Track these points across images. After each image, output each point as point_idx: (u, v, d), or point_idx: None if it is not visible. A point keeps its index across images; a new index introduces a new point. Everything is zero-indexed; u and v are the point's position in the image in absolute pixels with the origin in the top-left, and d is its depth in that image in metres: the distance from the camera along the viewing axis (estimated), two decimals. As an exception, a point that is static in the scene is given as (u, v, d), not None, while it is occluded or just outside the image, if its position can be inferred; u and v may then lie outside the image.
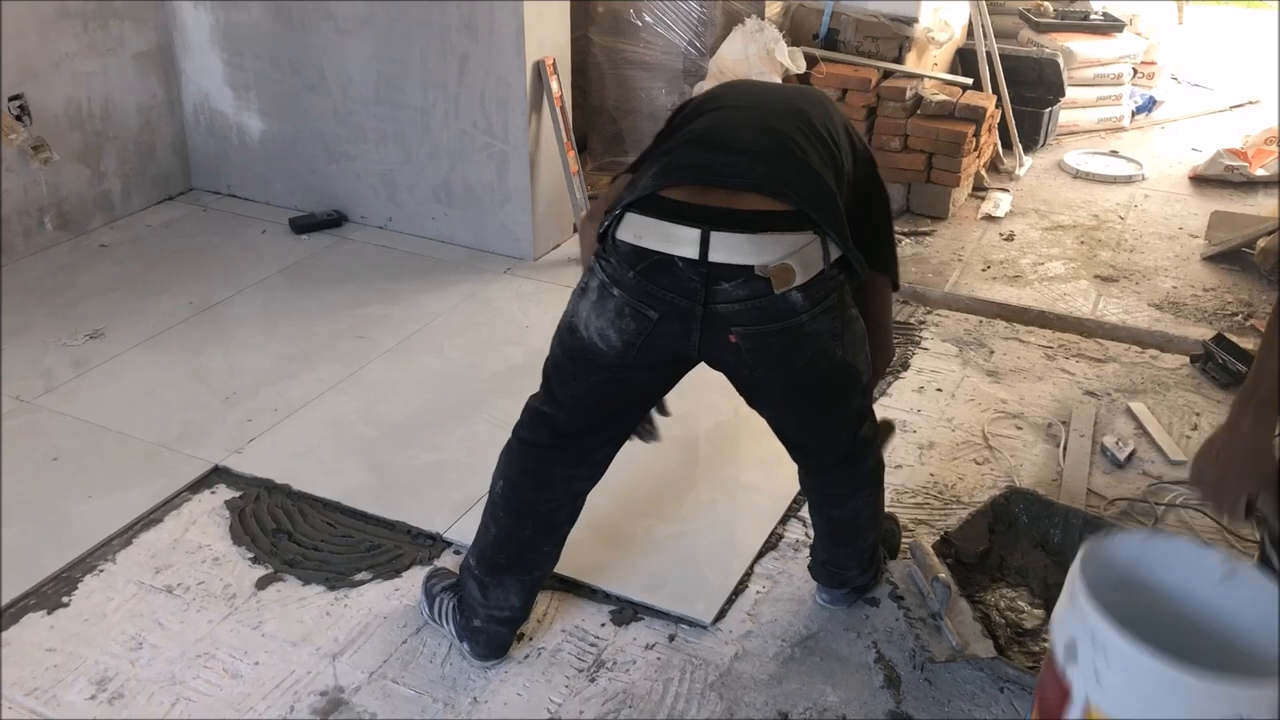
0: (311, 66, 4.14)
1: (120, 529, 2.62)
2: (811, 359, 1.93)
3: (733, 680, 2.24)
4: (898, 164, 4.49)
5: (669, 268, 1.84)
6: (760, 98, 2.12)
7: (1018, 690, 2.20)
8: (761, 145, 1.90)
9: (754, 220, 1.81)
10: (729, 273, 1.82)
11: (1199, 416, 3.18)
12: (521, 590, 2.23)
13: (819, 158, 1.93)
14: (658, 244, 1.85)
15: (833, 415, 2.09)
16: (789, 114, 2.01)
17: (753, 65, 4.37)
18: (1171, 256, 4.22)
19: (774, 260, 1.81)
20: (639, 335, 1.91)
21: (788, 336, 1.89)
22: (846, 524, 2.27)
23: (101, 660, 2.25)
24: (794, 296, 1.84)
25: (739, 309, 1.85)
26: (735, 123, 1.99)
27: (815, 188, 1.87)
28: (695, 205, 1.83)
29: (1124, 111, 5.67)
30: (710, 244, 1.80)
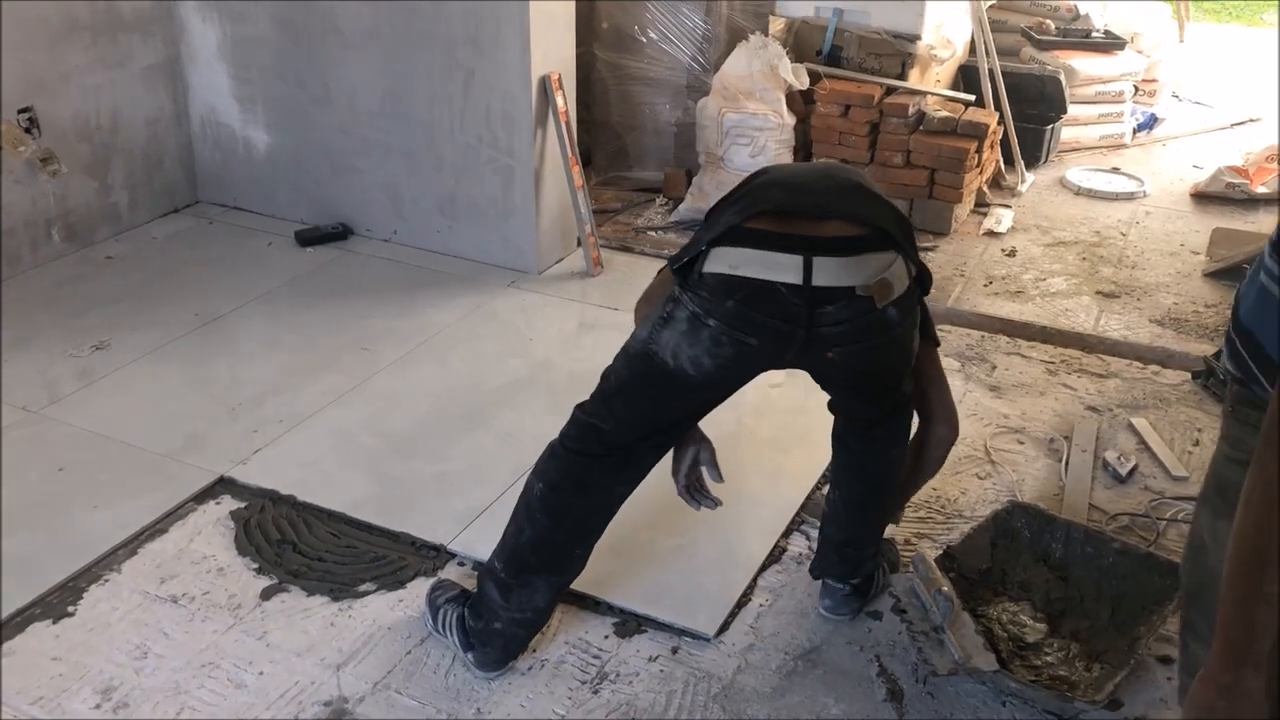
0: (318, 80, 4.17)
1: (126, 539, 2.63)
2: (892, 358, 2.08)
3: (735, 693, 2.24)
4: (900, 180, 4.51)
5: (771, 295, 1.90)
6: (811, 169, 2.28)
7: (1020, 704, 2.20)
8: (830, 186, 2.03)
9: (845, 244, 1.90)
10: (832, 295, 1.90)
11: (1200, 432, 3.18)
12: (549, 591, 2.24)
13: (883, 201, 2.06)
14: (757, 272, 1.89)
15: (891, 387, 2.18)
16: (844, 174, 2.13)
17: (756, 81, 4.40)
18: (1173, 273, 4.24)
19: (873, 279, 1.90)
20: (735, 359, 1.99)
21: (884, 349, 2.02)
22: (879, 481, 2.31)
23: (106, 669, 2.26)
24: (891, 312, 1.95)
25: (842, 330, 1.94)
26: (800, 173, 2.16)
27: (887, 212, 1.99)
28: (786, 235, 1.90)
29: (1125, 129, 5.69)
30: (814, 269, 1.88)
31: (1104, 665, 2.25)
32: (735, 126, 4.37)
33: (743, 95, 4.40)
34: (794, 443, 3.06)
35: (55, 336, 3.55)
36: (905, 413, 2.26)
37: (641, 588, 2.50)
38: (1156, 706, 2.22)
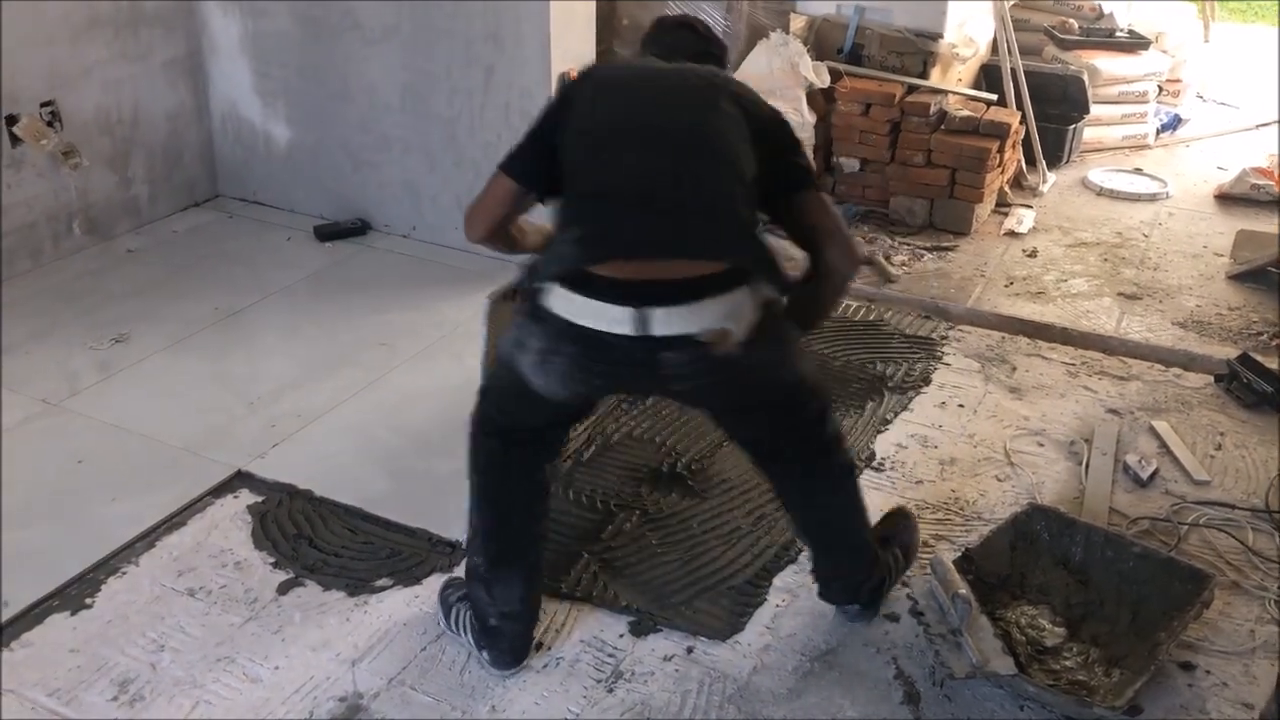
0: (338, 75, 4.17)
1: (143, 532, 2.64)
2: (756, 390, 2.04)
3: (751, 694, 2.23)
4: (921, 179, 4.48)
5: (609, 345, 1.89)
6: (656, 89, 2.07)
7: (1037, 708, 2.18)
8: (681, 191, 1.90)
9: (686, 289, 1.86)
10: (671, 343, 1.88)
11: (1223, 436, 3.15)
12: (522, 582, 2.24)
13: (730, 158, 1.94)
14: (593, 322, 1.89)
15: (790, 427, 2.17)
16: (703, 119, 1.97)
17: (776, 79, 4.38)
18: (1196, 275, 4.20)
19: (712, 325, 1.87)
20: (589, 388, 2.07)
21: (733, 382, 1.99)
22: (832, 521, 2.29)
23: (123, 662, 2.26)
24: (735, 352, 1.92)
25: (685, 371, 1.93)
26: (649, 159, 1.94)
27: (740, 236, 1.92)
28: (625, 281, 1.86)
29: (1149, 129, 5.64)
30: (649, 320, 1.85)
31: (1123, 670, 2.23)
32: (755, 124, 4.34)
33: (763, 93, 4.36)
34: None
35: (75, 329, 3.57)
36: (830, 454, 2.22)
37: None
38: (1176, 713, 2.20)
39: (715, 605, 2.45)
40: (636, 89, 2.08)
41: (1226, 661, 2.34)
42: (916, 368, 3.47)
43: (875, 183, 4.63)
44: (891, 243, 4.37)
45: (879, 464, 2.98)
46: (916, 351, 3.57)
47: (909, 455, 3.03)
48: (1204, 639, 2.38)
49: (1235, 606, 2.49)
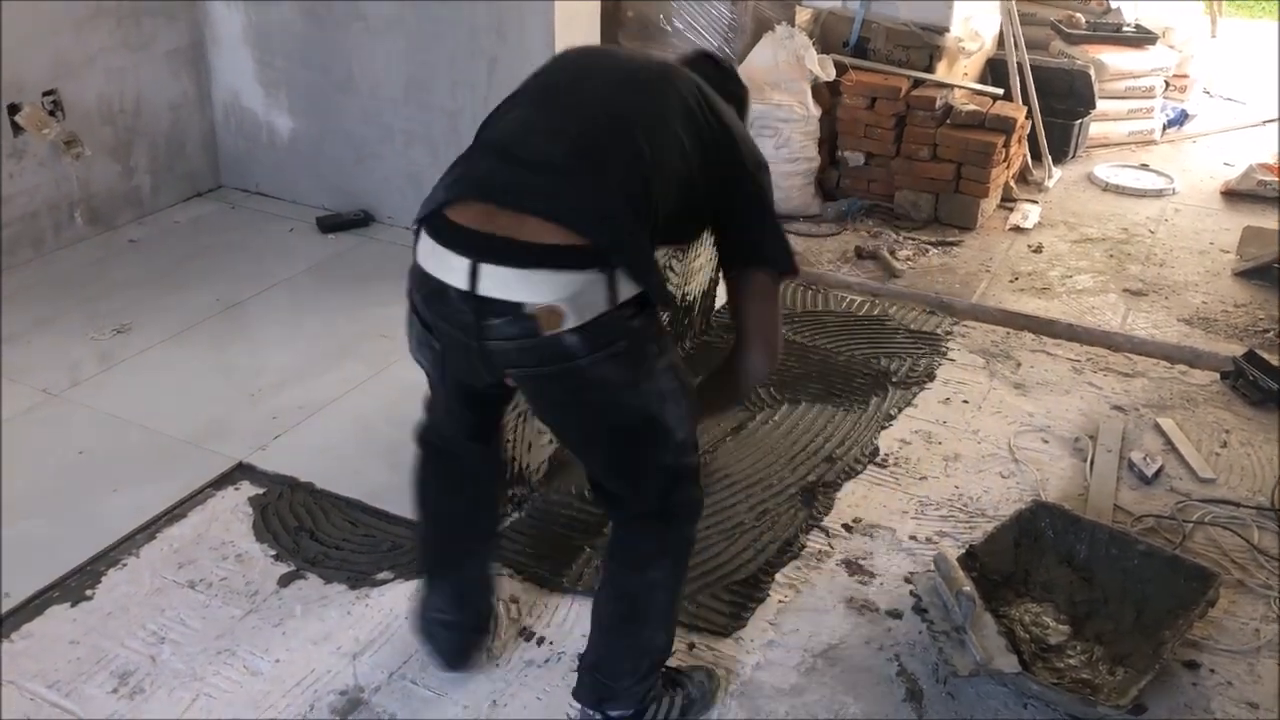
0: (341, 66, 4.15)
1: (144, 523, 2.62)
2: (598, 409, 1.82)
3: (754, 689, 2.22)
4: (926, 173, 4.46)
5: (444, 296, 1.73)
6: (605, 67, 1.92)
7: (1041, 707, 2.17)
8: (569, 155, 1.73)
9: (531, 253, 1.66)
10: (498, 308, 1.68)
11: (1229, 434, 3.14)
12: (455, 593, 2.18)
13: (640, 151, 1.75)
14: (434, 268, 1.74)
15: (632, 468, 1.91)
16: (631, 100, 1.82)
17: (782, 72, 4.36)
18: (1202, 271, 4.18)
19: (544, 300, 1.66)
20: (437, 363, 1.88)
21: (567, 381, 1.76)
22: (636, 599, 1.98)
23: (123, 654, 2.25)
24: (569, 340, 1.69)
25: (511, 348, 1.72)
26: (554, 120, 1.79)
27: (613, 216, 1.70)
28: (473, 231, 1.70)
29: (1155, 125, 5.62)
30: (479, 276, 1.67)
31: (1128, 669, 2.21)
32: (760, 118, 4.33)
33: (768, 86, 4.36)
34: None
35: (77, 319, 3.56)
36: (672, 524, 1.94)
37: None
38: (1180, 712, 2.19)
39: (717, 600, 2.44)
40: (588, 65, 1.95)
41: (1231, 660, 2.33)
42: (921, 363, 3.45)
43: (880, 177, 4.61)
44: (896, 237, 4.35)
45: (882, 460, 2.97)
46: (921, 347, 3.56)
47: (913, 451, 3.02)
48: (1209, 638, 2.37)
49: (1240, 605, 2.48)
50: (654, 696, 2.06)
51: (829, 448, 3.00)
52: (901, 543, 2.65)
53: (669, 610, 2.02)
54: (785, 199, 4.45)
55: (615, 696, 2.03)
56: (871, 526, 2.71)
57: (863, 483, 2.87)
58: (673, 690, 2.11)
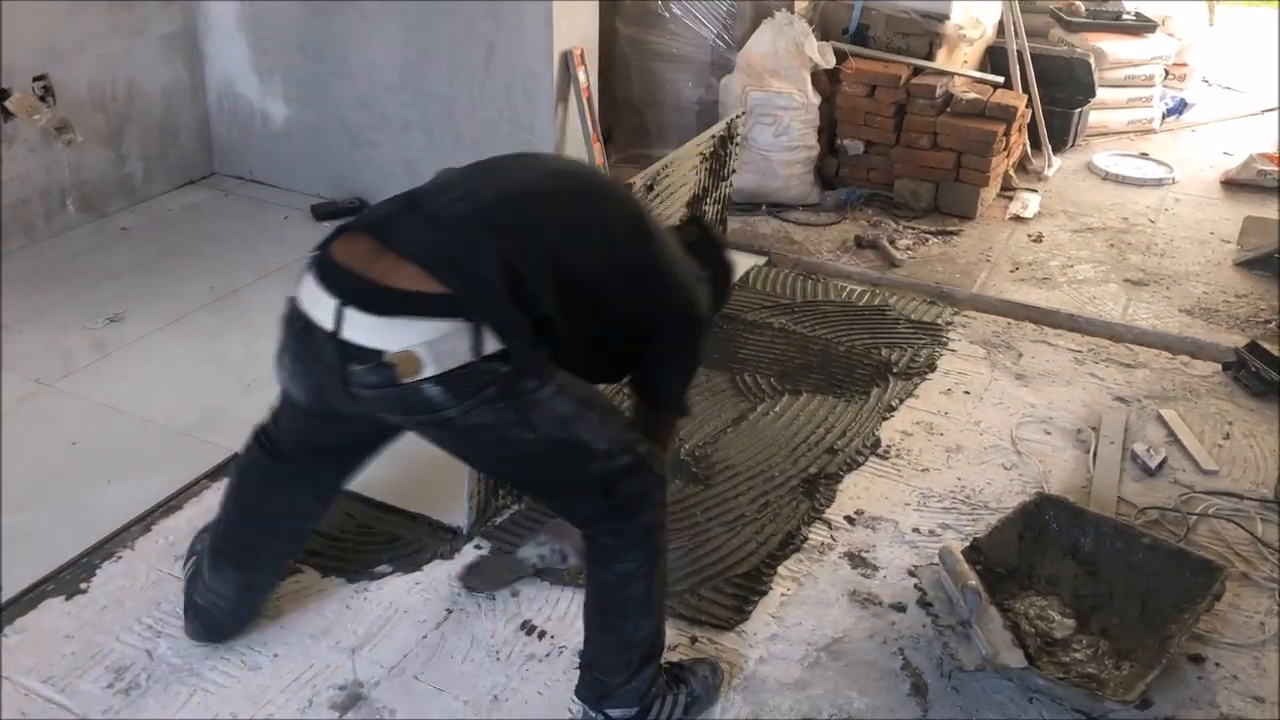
0: (336, 52, 4.11)
1: (139, 515, 2.59)
2: (494, 448, 1.81)
3: (757, 684, 2.20)
4: (926, 162, 4.43)
5: (312, 335, 1.72)
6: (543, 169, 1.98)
7: (1047, 701, 2.15)
8: (470, 216, 1.74)
9: (394, 299, 1.65)
10: (361, 355, 1.66)
11: (1231, 425, 3.12)
12: (236, 589, 2.16)
13: (548, 248, 1.75)
14: (307, 305, 1.73)
15: (561, 490, 1.93)
16: (555, 193, 1.85)
17: (781, 59, 4.32)
18: (1203, 261, 4.16)
19: (401, 346, 1.64)
20: (309, 401, 1.85)
21: (443, 430, 1.76)
22: (610, 595, 1.97)
23: (118, 649, 2.22)
24: (429, 390, 1.67)
25: (374, 396, 1.70)
26: (472, 186, 1.83)
27: (485, 272, 1.67)
28: (347, 271, 1.69)
29: (1155, 114, 5.59)
30: (343, 319, 1.66)
31: (1133, 663, 2.20)
32: (759, 105, 4.30)
33: (767, 73, 4.33)
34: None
35: (69, 308, 3.52)
36: (629, 514, 1.89)
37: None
38: (1186, 706, 2.18)
39: (720, 594, 2.42)
40: (534, 160, 2.03)
41: (1236, 654, 2.31)
42: (922, 354, 3.43)
43: (880, 165, 4.58)
44: (896, 226, 4.33)
45: (884, 451, 2.95)
46: (922, 337, 3.53)
47: (914, 443, 2.99)
48: (1214, 631, 2.36)
49: (1244, 598, 2.47)
50: (655, 694, 2.03)
51: (830, 439, 2.97)
52: (904, 535, 2.63)
53: (647, 600, 1.97)
54: (784, 188, 4.43)
55: (613, 694, 2.01)
56: (874, 519, 2.69)
57: (865, 474, 2.85)
58: (676, 687, 2.09)
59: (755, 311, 3.66)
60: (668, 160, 3.07)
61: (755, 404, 3.12)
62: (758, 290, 3.83)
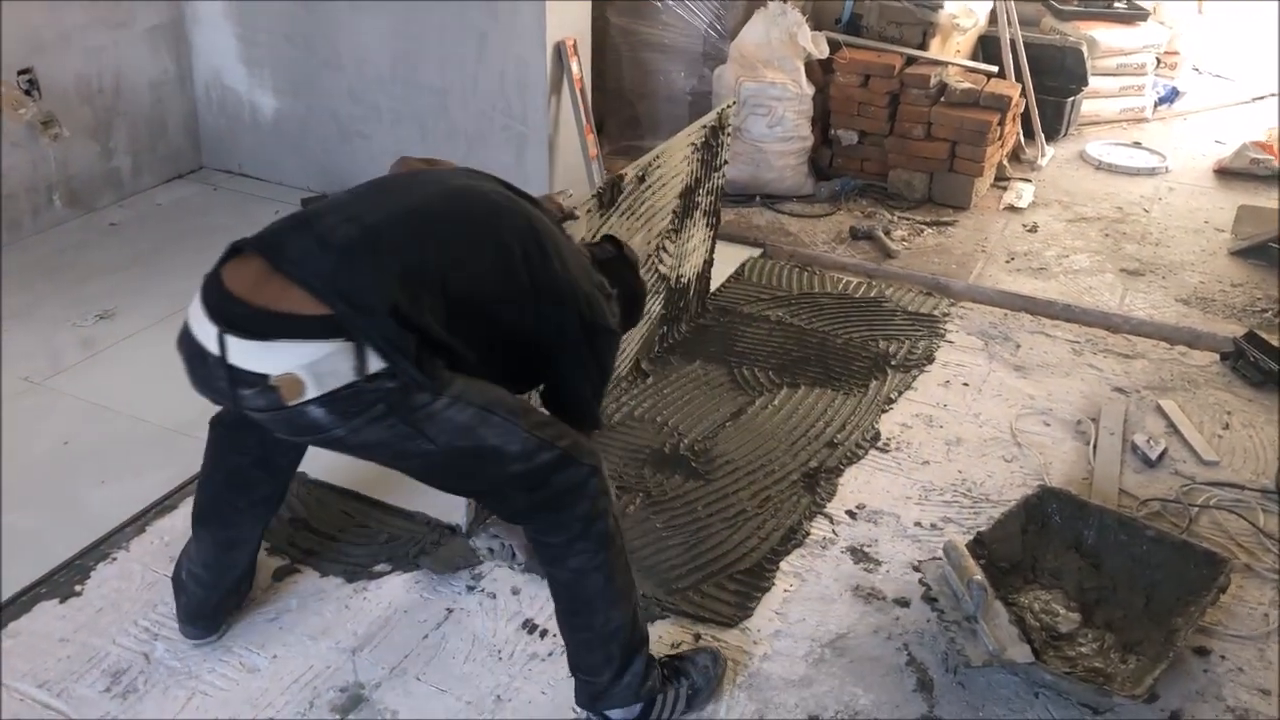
0: (326, 43, 4.06)
1: (133, 515, 2.56)
2: (398, 459, 1.82)
3: (762, 681, 2.18)
4: (921, 152, 4.41)
5: (204, 360, 1.71)
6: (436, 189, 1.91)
7: (1053, 695, 2.14)
8: (356, 238, 1.72)
9: (275, 322, 1.65)
10: (248, 379, 1.67)
11: (1230, 415, 3.12)
12: (215, 548, 2.14)
13: (437, 268, 1.74)
14: (196, 331, 1.72)
15: (486, 491, 1.96)
16: (446, 214, 1.83)
17: (774, 49, 4.29)
18: (1198, 251, 4.15)
19: (284, 369, 1.64)
20: (211, 398, 1.82)
21: (338, 447, 1.78)
22: (569, 592, 1.95)
23: (115, 652, 2.19)
24: (314, 412, 1.67)
25: (266, 418, 1.72)
26: (362, 207, 1.81)
27: (367, 293, 1.66)
28: (232, 297, 1.69)
29: (1146, 102, 5.59)
30: (226, 345, 1.66)
31: (1139, 657, 2.19)
32: (753, 96, 4.27)
33: (760, 64, 4.30)
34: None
35: (58, 305, 3.47)
36: (565, 507, 1.87)
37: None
38: (1193, 699, 2.17)
39: (722, 591, 2.40)
40: (427, 179, 1.96)
41: (1241, 646, 2.31)
42: (919, 345, 3.41)
43: (874, 156, 4.56)
44: (890, 217, 4.31)
45: (884, 444, 2.93)
46: (919, 329, 3.52)
47: (914, 435, 2.98)
48: (1218, 624, 2.35)
49: (1248, 590, 2.46)
50: (651, 689, 2.02)
51: (830, 432, 2.96)
52: (906, 529, 2.62)
53: (609, 591, 1.94)
54: (779, 179, 4.40)
55: (606, 693, 1.99)
56: (875, 512, 2.67)
57: (865, 468, 2.84)
58: (676, 680, 2.08)
59: (752, 304, 3.64)
60: (659, 151, 3.03)
61: (754, 398, 3.10)
62: (753, 282, 3.81)
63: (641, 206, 2.96)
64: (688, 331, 3.45)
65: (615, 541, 1.94)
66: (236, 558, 2.19)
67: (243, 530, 2.16)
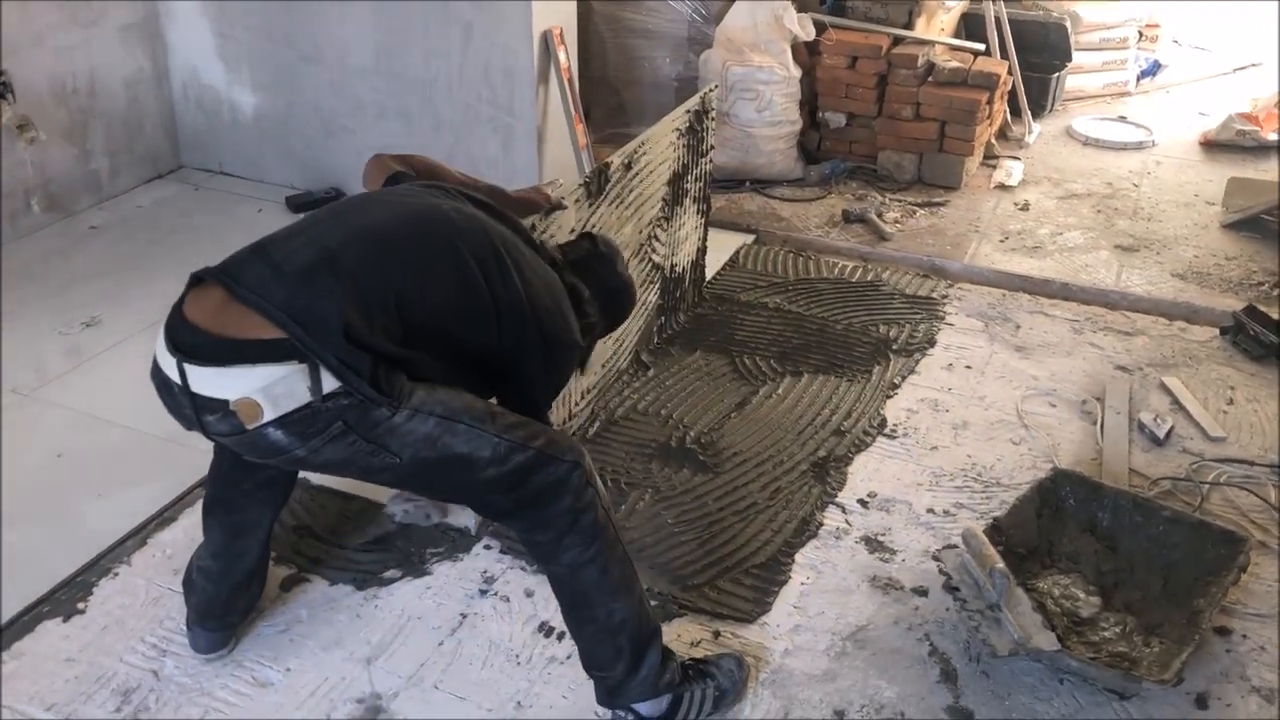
0: (306, 37, 3.98)
1: (133, 529, 2.51)
2: (367, 475, 1.83)
3: (785, 677, 2.16)
4: (910, 133, 4.38)
5: (170, 390, 1.75)
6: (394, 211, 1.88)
7: (1078, 681, 2.13)
8: (313, 263, 1.73)
9: (230, 349, 1.68)
10: (211, 405, 1.70)
11: (1234, 390, 3.11)
12: (220, 537, 2.10)
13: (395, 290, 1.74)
14: (160, 361, 1.76)
15: (464, 496, 1.97)
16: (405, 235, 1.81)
17: (760, 33, 4.25)
18: (1190, 224, 4.15)
19: (240, 394, 1.66)
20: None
21: (307, 466, 1.81)
22: (567, 588, 1.94)
23: (122, 671, 2.14)
24: (274, 434, 1.69)
25: (232, 443, 1.77)
26: (319, 232, 1.81)
27: (321, 315, 1.67)
28: (190, 326, 1.71)
29: (1130, 76, 5.58)
30: (187, 374, 1.70)
31: (1162, 639, 2.18)
32: (740, 80, 4.22)
33: (747, 48, 4.25)
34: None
35: (41, 313, 3.39)
36: (547, 504, 1.86)
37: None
38: (1218, 680, 2.16)
39: (739, 586, 2.37)
40: (386, 200, 1.94)
41: (1262, 625, 2.30)
42: (920, 329, 3.39)
43: (862, 138, 4.53)
44: (882, 199, 4.28)
45: (891, 431, 2.91)
46: (918, 312, 3.50)
47: (920, 420, 2.96)
48: (1237, 602, 2.34)
49: (1263, 567, 2.45)
50: (671, 682, 1.99)
51: (836, 420, 2.93)
52: (919, 516, 2.60)
53: (606, 582, 1.92)
54: (768, 163, 4.36)
55: (622, 688, 1.97)
56: (887, 500, 2.65)
57: (874, 455, 2.81)
58: (702, 681, 2.05)
59: (749, 292, 3.60)
60: (644, 137, 2.99)
61: (757, 387, 3.07)
62: (748, 269, 3.77)
63: (630, 195, 2.92)
64: (686, 321, 3.41)
65: (607, 532, 1.92)
66: (245, 546, 2.13)
67: (249, 515, 2.12)
